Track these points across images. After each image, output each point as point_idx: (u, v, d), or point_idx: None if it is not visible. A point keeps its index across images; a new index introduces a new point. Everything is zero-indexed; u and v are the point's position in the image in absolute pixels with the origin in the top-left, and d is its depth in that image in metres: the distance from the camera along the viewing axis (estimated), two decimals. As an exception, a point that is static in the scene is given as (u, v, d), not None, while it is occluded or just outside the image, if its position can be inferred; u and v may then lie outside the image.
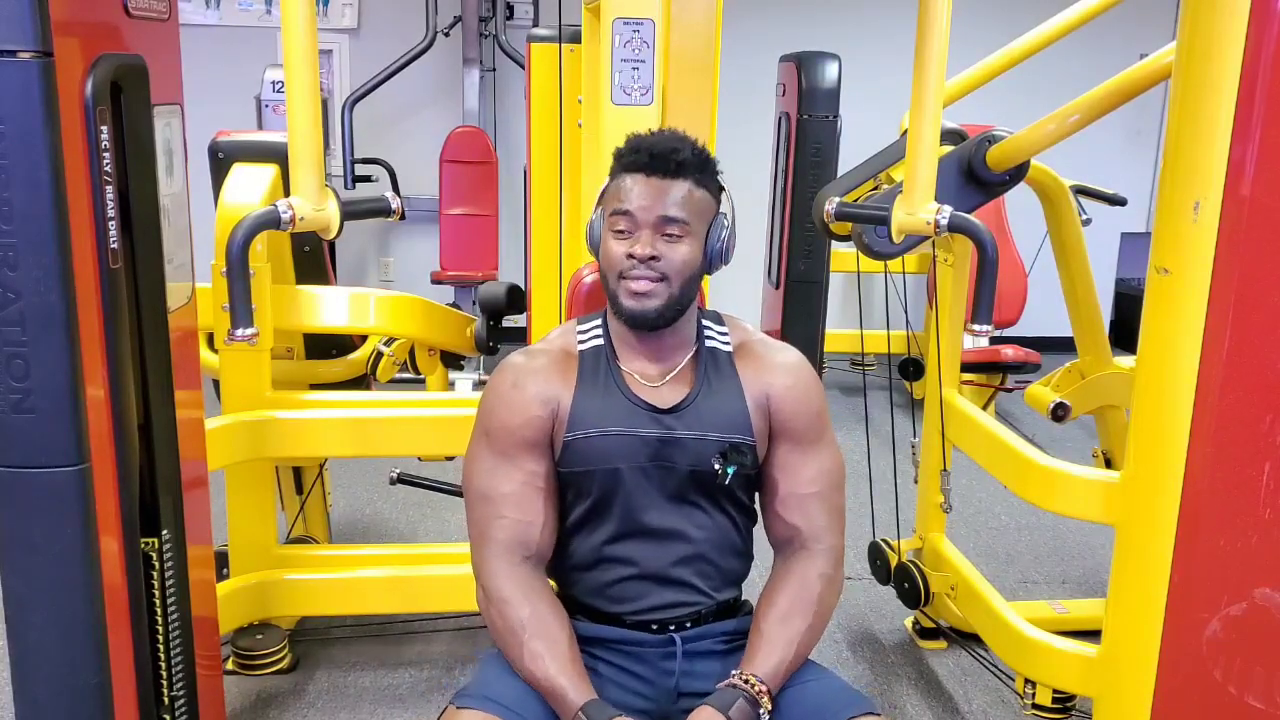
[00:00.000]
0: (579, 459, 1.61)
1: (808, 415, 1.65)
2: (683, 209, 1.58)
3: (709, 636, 1.65)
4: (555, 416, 1.62)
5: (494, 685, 1.53)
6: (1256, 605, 1.81)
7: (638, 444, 1.60)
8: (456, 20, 5.88)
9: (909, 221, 2.05)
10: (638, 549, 1.62)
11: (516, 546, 1.60)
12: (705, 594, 1.65)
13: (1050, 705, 2.36)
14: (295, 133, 1.87)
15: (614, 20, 1.95)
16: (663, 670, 1.63)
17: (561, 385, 1.63)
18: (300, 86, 1.86)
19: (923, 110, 2.00)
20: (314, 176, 1.89)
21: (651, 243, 1.56)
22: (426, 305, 2.83)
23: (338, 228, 1.95)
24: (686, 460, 1.60)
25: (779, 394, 1.64)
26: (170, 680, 1.91)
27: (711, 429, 1.61)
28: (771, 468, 1.66)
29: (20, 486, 1.62)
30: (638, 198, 1.57)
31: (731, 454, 1.60)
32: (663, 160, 1.58)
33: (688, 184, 1.59)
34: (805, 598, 1.60)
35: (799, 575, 1.61)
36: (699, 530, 1.63)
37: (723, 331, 1.71)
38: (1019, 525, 3.88)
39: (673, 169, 1.58)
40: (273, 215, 1.83)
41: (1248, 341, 1.72)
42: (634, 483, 1.60)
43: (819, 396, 1.68)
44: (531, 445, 1.61)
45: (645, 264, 1.56)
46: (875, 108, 4.79)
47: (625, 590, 1.64)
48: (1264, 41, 1.63)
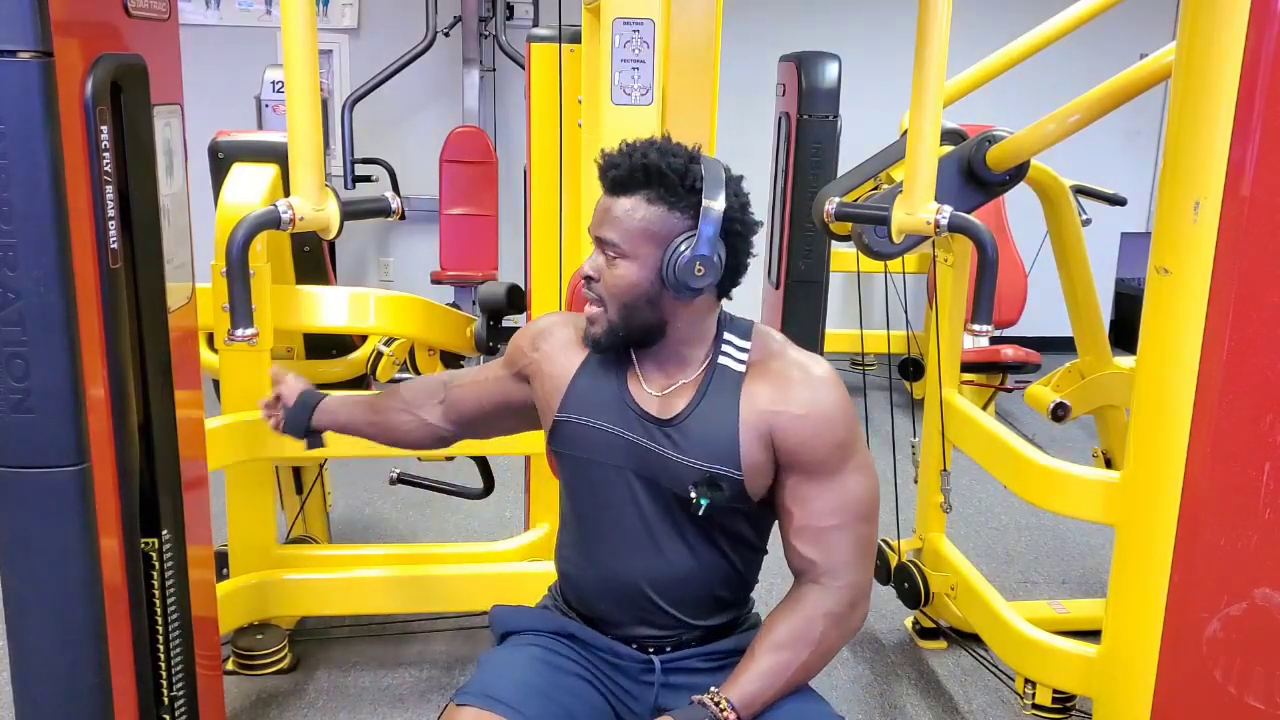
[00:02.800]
0: (565, 442, 1.61)
1: (823, 447, 1.49)
2: (615, 229, 1.47)
3: (694, 656, 1.61)
4: (553, 383, 1.63)
5: (494, 683, 1.53)
6: (1256, 605, 1.81)
7: (622, 445, 1.55)
8: (456, 20, 5.88)
9: (909, 221, 2.04)
10: (614, 559, 1.59)
11: (438, 390, 1.81)
12: (684, 623, 1.59)
13: (1050, 705, 2.36)
14: (295, 133, 1.88)
15: (614, 20, 1.94)
16: (643, 683, 1.62)
17: (573, 358, 1.63)
18: (300, 87, 1.86)
19: (923, 110, 2.00)
20: (314, 176, 1.89)
21: (592, 262, 1.51)
22: (426, 305, 2.83)
23: (338, 228, 1.96)
24: (666, 479, 1.53)
25: (785, 425, 1.48)
26: (170, 680, 1.91)
27: (696, 454, 1.50)
28: (784, 498, 1.52)
29: (20, 486, 1.62)
30: (594, 212, 1.52)
31: (706, 486, 1.49)
32: (604, 176, 1.49)
33: (633, 200, 1.46)
34: (805, 634, 1.48)
35: (804, 610, 1.50)
36: (679, 555, 1.55)
37: (743, 347, 1.55)
38: (1019, 525, 3.88)
39: (611, 186, 1.48)
40: (273, 215, 1.84)
41: (1248, 341, 1.72)
42: (613, 484, 1.56)
43: (841, 425, 1.51)
44: (513, 378, 1.72)
45: (587, 284, 1.52)
46: (875, 108, 4.79)
47: (600, 601, 1.62)
48: (1264, 41, 1.63)
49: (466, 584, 2.68)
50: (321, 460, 3.10)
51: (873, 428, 4.39)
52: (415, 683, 2.72)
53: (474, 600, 2.71)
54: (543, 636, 1.65)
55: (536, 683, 1.55)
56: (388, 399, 1.87)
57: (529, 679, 1.55)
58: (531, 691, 1.52)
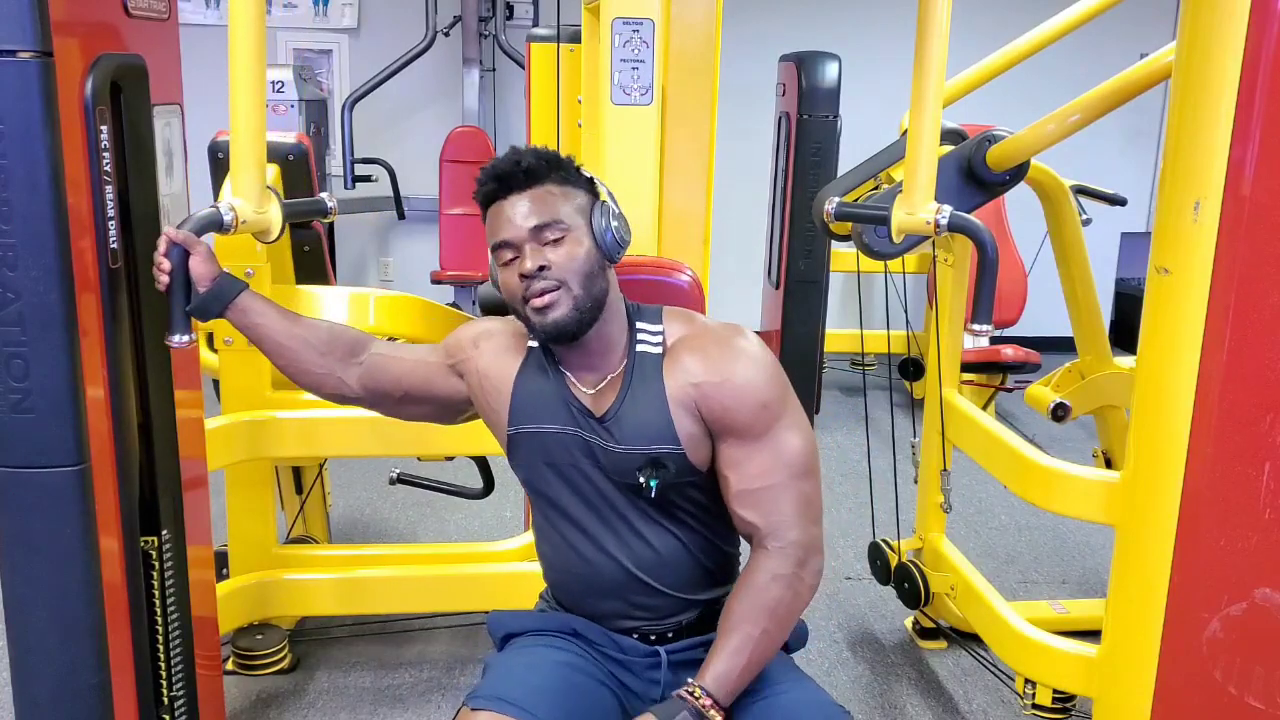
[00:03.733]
0: (522, 455, 1.63)
1: (747, 410, 1.53)
2: (550, 211, 1.54)
3: (698, 646, 1.63)
4: (494, 387, 1.65)
5: (506, 685, 1.53)
6: (1256, 605, 1.81)
7: (575, 442, 1.59)
8: (456, 20, 5.88)
9: (909, 221, 2.04)
10: (598, 554, 1.61)
11: (362, 347, 1.74)
12: (681, 599, 1.62)
13: (1050, 705, 2.36)
14: (238, 134, 1.79)
15: (614, 20, 1.95)
16: (649, 680, 1.63)
17: (510, 364, 1.65)
18: (244, 87, 1.78)
19: (923, 110, 2.00)
20: (256, 178, 1.82)
21: (534, 256, 1.53)
22: (426, 305, 2.83)
23: (279, 231, 1.89)
24: (614, 471, 1.57)
25: (707, 394, 1.53)
26: (170, 680, 1.91)
27: (634, 441, 1.55)
28: (720, 465, 1.56)
29: (20, 486, 1.62)
30: (505, 221, 1.54)
31: (651, 468, 1.54)
32: (508, 176, 1.55)
33: (545, 187, 1.55)
34: (756, 603, 1.50)
35: (755, 579, 1.52)
36: (656, 536, 1.60)
37: (656, 331, 1.61)
38: (1019, 525, 3.88)
39: (522, 180, 1.54)
40: (215, 218, 1.74)
41: (1248, 341, 1.72)
42: (576, 482, 1.60)
43: (764, 386, 1.54)
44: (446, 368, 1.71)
45: (537, 278, 1.53)
46: (875, 108, 4.79)
47: (596, 600, 1.64)
48: (1264, 41, 1.63)
49: (466, 584, 2.68)
50: (322, 460, 3.10)
51: (873, 428, 4.39)
52: (415, 683, 2.72)
53: (474, 600, 2.71)
54: (547, 636, 1.65)
55: (547, 683, 1.55)
56: (309, 329, 1.73)
57: (540, 680, 1.55)
58: (543, 692, 1.52)
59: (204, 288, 1.66)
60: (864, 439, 3.41)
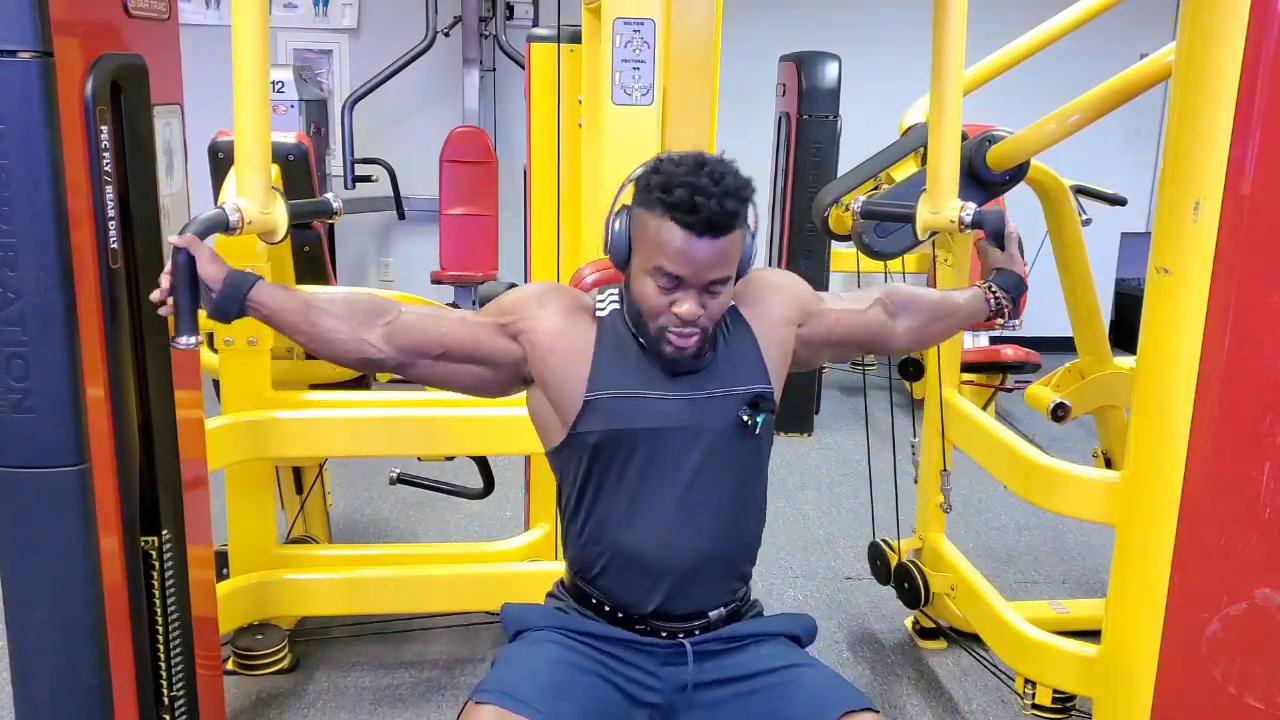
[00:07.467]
0: (602, 418, 1.59)
1: (808, 298, 1.76)
2: (729, 266, 1.54)
3: (714, 640, 1.65)
4: (569, 357, 1.62)
5: (512, 681, 1.53)
6: (1256, 605, 1.81)
7: (664, 406, 1.60)
8: (456, 20, 5.88)
9: (934, 220, 2.07)
10: (664, 526, 1.60)
11: (387, 310, 1.65)
12: (727, 588, 1.67)
13: (1050, 705, 2.35)
14: (242, 134, 1.78)
15: (614, 20, 1.94)
16: (666, 676, 1.63)
17: (584, 333, 1.63)
18: (248, 87, 1.76)
19: (943, 110, 2.01)
20: (261, 179, 1.80)
21: (695, 303, 1.52)
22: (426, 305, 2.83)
23: (284, 231, 1.87)
24: (713, 418, 1.61)
25: (783, 305, 1.72)
26: (170, 680, 1.91)
27: (735, 383, 1.63)
28: (845, 333, 1.79)
29: (20, 486, 1.62)
30: (688, 264, 1.50)
31: (752, 406, 1.62)
32: (714, 221, 1.48)
33: (733, 236, 1.51)
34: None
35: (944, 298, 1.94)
36: (729, 499, 1.64)
37: None
38: (1019, 525, 3.88)
39: (720, 226, 1.49)
40: (221, 218, 1.71)
41: (1248, 341, 1.73)
42: (658, 448, 1.60)
43: (800, 283, 1.79)
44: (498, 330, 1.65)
45: (690, 323, 1.54)
46: (875, 108, 4.78)
47: (645, 580, 1.62)
48: (1264, 41, 1.63)
49: (467, 584, 2.68)
50: (322, 460, 3.10)
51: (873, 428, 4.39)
52: (415, 683, 2.72)
53: (474, 600, 2.71)
54: (557, 633, 1.65)
55: (554, 680, 1.55)
56: (327, 301, 1.66)
57: (547, 676, 1.55)
58: (549, 689, 1.53)
59: (216, 289, 1.57)
60: (864, 439, 3.40)
